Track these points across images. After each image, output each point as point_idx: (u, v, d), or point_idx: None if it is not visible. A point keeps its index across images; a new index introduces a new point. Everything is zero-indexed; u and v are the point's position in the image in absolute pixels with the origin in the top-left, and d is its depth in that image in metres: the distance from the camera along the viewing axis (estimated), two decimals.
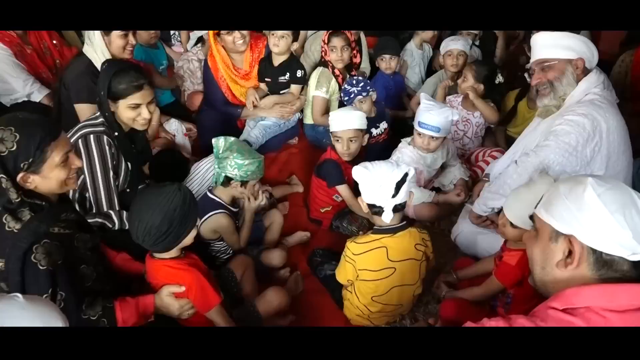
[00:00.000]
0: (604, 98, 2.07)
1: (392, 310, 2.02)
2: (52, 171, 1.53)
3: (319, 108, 3.13)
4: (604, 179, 1.12)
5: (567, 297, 1.06)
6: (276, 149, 3.17)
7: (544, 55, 2.14)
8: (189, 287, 1.71)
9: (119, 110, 2.05)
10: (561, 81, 2.10)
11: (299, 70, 3.08)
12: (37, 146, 1.48)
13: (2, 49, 2.94)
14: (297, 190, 2.92)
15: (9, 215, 1.47)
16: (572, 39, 2.09)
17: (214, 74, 3.02)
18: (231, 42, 2.90)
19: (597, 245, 1.06)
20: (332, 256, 2.24)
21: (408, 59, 3.75)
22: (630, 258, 1.04)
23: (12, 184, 1.47)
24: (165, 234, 1.62)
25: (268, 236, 2.47)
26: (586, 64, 2.09)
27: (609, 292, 1.03)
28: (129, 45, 2.60)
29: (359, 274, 1.91)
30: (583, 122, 2.00)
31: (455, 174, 2.78)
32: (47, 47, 3.12)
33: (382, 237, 1.89)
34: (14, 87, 3.03)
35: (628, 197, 1.07)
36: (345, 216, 2.61)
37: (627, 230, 1.03)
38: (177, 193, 1.64)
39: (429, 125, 2.46)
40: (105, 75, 2.02)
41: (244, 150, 2.20)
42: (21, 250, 1.44)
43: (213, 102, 3.10)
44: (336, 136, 2.51)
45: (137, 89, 2.03)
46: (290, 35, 2.95)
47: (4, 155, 1.45)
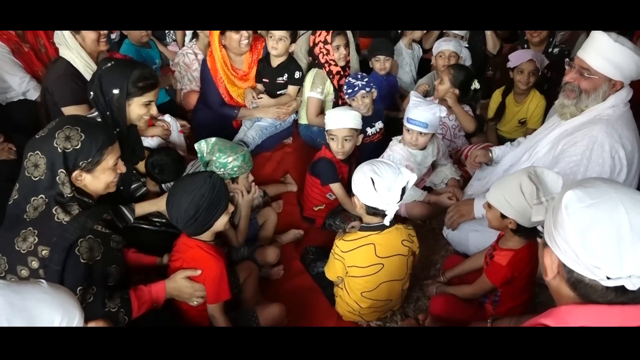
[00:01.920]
0: (623, 118, 2.04)
1: (382, 306, 2.06)
2: (103, 173, 1.68)
3: (314, 109, 3.17)
4: (592, 192, 1.01)
5: (560, 315, 1.02)
6: (271, 148, 3.20)
7: (591, 61, 1.99)
8: (209, 273, 1.79)
9: (130, 108, 2.09)
10: (590, 95, 2.04)
11: (297, 71, 3.11)
12: (98, 148, 1.63)
13: (1, 46, 2.97)
14: (291, 189, 2.95)
15: (59, 207, 1.57)
16: (628, 58, 1.94)
17: (212, 74, 3.04)
18: (237, 42, 2.92)
19: (567, 263, 1.02)
20: (324, 253, 2.28)
21: (398, 59, 3.80)
22: (603, 283, 0.97)
23: (68, 179, 1.60)
24: (194, 218, 1.75)
25: (262, 234, 2.51)
26: (627, 83, 2.02)
27: (604, 313, 0.98)
28: (102, 37, 2.61)
29: (348, 271, 1.96)
30: (603, 156, 1.97)
31: (446, 173, 2.83)
32: (43, 45, 3.15)
33: (370, 234, 1.94)
34: (10, 84, 3.05)
35: (605, 220, 0.96)
36: (338, 214, 2.66)
37: (587, 254, 0.96)
38: (207, 180, 1.79)
39: (416, 121, 2.52)
40: (120, 74, 2.04)
41: (225, 148, 2.23)
42: (68, 242, 1.54)
43: (210, 102, 3.12)
44: (331, 134, 2.55)
45: (153, 87, 2.12)
46: (288, 37, 2.98)
47: (68, 151, 1.59)
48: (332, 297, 2.18)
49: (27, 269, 1.56)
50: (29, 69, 3.11)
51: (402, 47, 3.90)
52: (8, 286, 1.23)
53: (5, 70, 3.01)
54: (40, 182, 1.60)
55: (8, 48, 3.01)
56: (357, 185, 1.91)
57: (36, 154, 1.59)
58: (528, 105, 3.22)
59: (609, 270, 0.95)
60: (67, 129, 1.60)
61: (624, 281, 0.94)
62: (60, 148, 1.58)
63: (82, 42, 2.56)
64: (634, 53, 1.93)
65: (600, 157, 1.99)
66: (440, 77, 3.11)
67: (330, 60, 3.13)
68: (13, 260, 1.57)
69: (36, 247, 1.54)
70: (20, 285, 1.26)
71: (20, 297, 1.20)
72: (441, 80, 3.07)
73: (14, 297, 1.18)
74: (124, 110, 2.09)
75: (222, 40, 2.96)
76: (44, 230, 1.55)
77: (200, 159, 2.28)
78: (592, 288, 0.99)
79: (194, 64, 3.41)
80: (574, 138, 2.07)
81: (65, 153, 1.58)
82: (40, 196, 1.60)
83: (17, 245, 1.56)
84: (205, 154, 2.24)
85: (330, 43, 3.08)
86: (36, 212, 1.58)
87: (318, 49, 3.14)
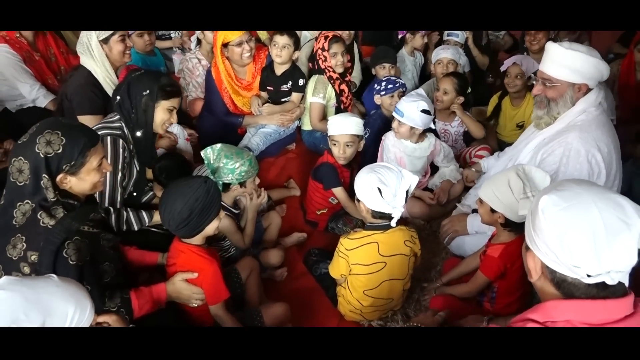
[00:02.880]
0: (597, 121, 2.07)
1: (383, 305, 2.12)
2: (88, 174, 1.67)
3: (317, 114, 3.24)
4: (566, 194, 1.07)
5: (547, 310, 1.08)
6: (275, 154, 3.26)
7: (550, 71, 2.08)
8: (205, 276, 1.82)
9: (157, 111, 2.19)
10: (557, 103, 2.11)
11: (301, 79, 3.17)
12: (80, 150, 1.63)
13: (12, 54, 3.06)
14: (294, 194, 3.02)
15: (43, 212, 1.59)
16: (583, 61, 2.00)
17: (217, 85, 3.11)
18: (238, 54, 2.98)
19: (549, 264, 1.08)
20: (327, 255, 2.34)
21: (400, 66, 3.87)
22: (584, 280, 1.03)
23: (52, 184, 1.60)
24: (187, 221, 1.77)
25: (266, 237, 2.58)
26: (592, 86, 2.07)
27: (587, 307, 1.04)
28: (127, 49, 2.70)
29: (352, 268, 2.02)
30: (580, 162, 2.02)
31: (445, 174, 2.91)
32: (54, 54, 3.23)
33: (374, 234, 2.00)
34: (21, 92, 3.13)
35: (581, 221, 1.02)
36: (341, 218, 2.73)
37: (566, 255, 1.03)
38: (203, 185, 1.81)
39: (398, 110, 2.68)
40: (150, 78, 2.16)
41: (232, 154, 2.29)
42: (54, 245, 1.55)
43: (215, 111, 3.18)
44: (334, 140, 2.62)
45: (178, 94, 2.23)
46: (292, 45, 3.05)
47: (50, 156, 1.58)
48: (334, 297, 2.24)
49: (21, 274, 1.59)
50: (39, 77, 3.19)
51: (404, 55, 3.97)
52: (21, 282, 1.29)
53: (17, 78, 3.10)
54: (25, 187, 1.60)
55: (20, 56, 3.09)
56: (363, 193, 1.97)
57: (19, 159, 1.60)
58: (524, 109, 3.30)
59: (588, 268, 1.01)
60: (47, 134, 1.59)
61: (603, 277, 1.01)
62: (42, 153, 1.57)
63: (109, 52, 2.65)
64: (588, 55, 1.99)
65: (577, 163, 2.03)
66: (441, 88, 3.17)
67: (328, 67, 3.20)
68: (6, 268, 1.59)
69: (25, 252, 1.57)
70: (33, 280, 1.32)
71: (34, 291, 1.25)
72: (445, 91, 3.13)
73: (28, 292, 1.24)
74: (152, 112, 2.18)
75: (224, 53, 3.03)
76: (31, 236, 1.58)
77: (207, 165, 2.35)
78: (575, 286, 1.06)
79: (197, 69, 3.48)
80: (551, 147, 2.12)
81: (47, 158, 1.58)
82: (26, 201, 1.61)
83: (9, 252, 1.58)
84: (212, 161, 2.31)
85: (327, 50, 3.15)
86: (24, 218, 1.60)
87: (318, 56, 3.21)
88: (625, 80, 3.78)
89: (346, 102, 3.32)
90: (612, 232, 1.00)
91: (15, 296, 1.23)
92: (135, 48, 3.41)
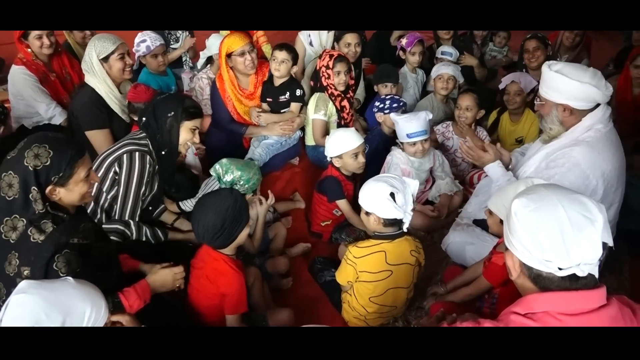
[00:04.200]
0: (605, 138, 2.14)
1: (387, 312, 2.19)
2: (76, 185, 1.70)
3: (319, 130, 3.34)
4: (534, 197, 1.18)
5: (527, 303, 1.18)
6: (279, 168, 3.36)
7: (541, 91, 2.24)
8: (232, 286, 1.93)
9: (181, 130, 2.32)
10: (546, 120, 2.24)
11: (298, 89, 3.30)
12: (67, 162, 1.65)
13: (29, 76, 3.20)
14: (299, 206, 3.12)
15: (33, 227, 1.62)
16: (564, 83, 2.09)
17: (221, 94, 3.25)
18: (242, 64, 3.12)
19: (525, 261, 1.18)
20: (331, 264, 2.43)
21: (402, 82, 3.97)
22: (557, 274, 1.12)
23: (41, 196, 1.63)
24: (221, 230, 1.89)
25: (273, 246, 2.68)
26: (577, 107, 2.12)
27: (563, 298, 1.14)
28: (127, 66, 2.83)
29: (359, 276, 2.09)
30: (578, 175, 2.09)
31: (441, 187, 3.02)
32: (68, 73, 3.36)
33: (382, 242, 2.08)
34: (37, 111, 3.26)
35: (548, 220, 1.12)
36: (344, 229, 2.82)
37: (539, 251, 1.12)
38: (230, 195, 1.94)
39: (416, 132, 2.78)
40: (174, 101, 2.32)
41: (242, 166, 2.43)
42: (44, 260, 1.59)
43: (220, 120, 3.30)
44: (354, 152, 2.69)
45: (200, 115, 2.38)
46: (290, 60, 3.19)
47: (39, 169, 1.61)
48: (338, 304, 2.31)
49: None
50: (54, 96, 3.33)
51: (406, 72, 4.07)
52: (40, 285, 1.37)
53: (33, 98, 3.24)
54: (14, 202, 1.63)
55: (36, 77, 3.24)
56: (374, 204, 2.03)
57: (9, 174, 1.62)
58: (523, 124, 3.41)
59: (559, 262, 1.12)
60: (35, 147, 1.62)
61: (574, 269, 1.11)
62: (30, 166, 1.60)
63: (109, 70, 2.78)
64: (569, 79, 2.07)
65: (574, 175, 2.09)
66: (462, 105, 3.22)
67: (331, 84, 3.31)
68: (6, 284, 1.64)
69: (19, 268, 1.61)
70: (51, 282, 1.39)
71: (53, 293, 1.33)
72: (467, 108, 3.20)
73: (47, 294, 1.32)
74: (176, 132, 2.32)
75: (229, 63, 3.17)
76: (23, 252, 1.61)
77: (219, 181, 2.46)
78: (549, 280, 1.16)
79: (207, 88, 3.63)
80: (554, 158, 2.20)
81: (36, 170, 1.61)
82: (14, 216, 1.63)
83: (6, 269, 1.63)
84: (223, 175, 2.42)
85: (332, 68, 3.26)
86: (17, 234, 1.63)
87: (322, 73, 3.33)
88: (623, 96, 3.87)
89: (347, 118, 3.43)
90: (577, 228, 1.11)
91: (36, 298, 1.31)
92: (149, 68, 3.55)
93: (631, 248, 2.75)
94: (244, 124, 3.31)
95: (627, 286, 2.53)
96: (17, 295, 1.32)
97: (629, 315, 1.18)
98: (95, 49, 2.76)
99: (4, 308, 1.33)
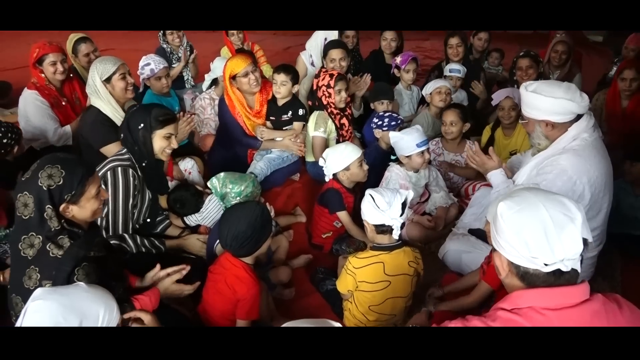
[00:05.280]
0: (592, 146, 2.24)
1: (386, 320, 2.26)
2: (88, 202, 1.80)
3: (319, 147, 3.43)
4: (518, 200, 1.27)
5: (513, 299, 1.26)
6: (281, 184, 3.46)
7: (523, 110, 2.39)
8: (247, 293, 2.05)
9: (154, 140, 2.38)
10: (532, 135, 2.38)
11: (300, 109, 3.43)
12: (79, 181, 1.76)
13: (42, 102, 3.33)
14: (300, 220, 3.22)
15: (51, 243, 1.72)
16: (541, 101, 2.23)
17: (231, 111, 3.37)
18: (246, 84, 3.25)
19: (513, 260, 1.26)
20: (332, 274, 2.52)
21: (398, 99, 4.11)
22: (543, 270, 1.21)
23: (56, 214, 1.74)
24: (250, 238, 2.04)
25: (275, 257, 2.78)
26: (557, 121, 2.24)
27: (547, 294, 1.21)
28: (129, 85, 2.95)
29: (359, 285, 2.18)
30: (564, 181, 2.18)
31: (436, 200, 3.14)
32: (78, 97, 3.47)
33: (380, 254, 2.17)
34: (46, 135, 3.37)
35: (532, 220, 1.22)
36: (344, 240, 2.92)
37: (525, 249, 1.21)
38: (257, 206, 2.11)
39: (423, 141, 2.94)
40: (143, 112, 2.37)
41: (236, 179, 2.53)
42: (65, 273, 1.68)
43: (232, 135, 3.41)
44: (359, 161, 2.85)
45: (172, 120, 2.42)
46: (289, 81, 3.32)
47: (52, 188, 1.71)
48: (340, 313, 2.39)
49: None
50: (64, 120, 3.43)
51: (401, 89, 4.21)
52: (55, 291, 1.47)
53: (42, 123, 3.34)
54: (30, 220, 1.72)
55: (48, 103, 3.35)
56: (364, 209, 2.19)
57: (25, 194, 1.72)
58: (516, 138, 3.51)
59: (544, 258, 1.21)
60: (48, 168, 1.71)
61: (558, 265, 1.21)
62: (44, 186, 1.69)
63: (112, 90, 2.91)
64: (544, 96, 2.21)
65: (561, 181, 2.18)
66: (447, 121, 3.38)
67: (331, 103, 3.43)
68: (25, 297, 1.68)
69: (40, 282, 1.71)
70: (64, 288, 1.49)
71: (68, 297, 1.43)
72: (452, 123, 3.35)
73: (63, 299, 1.42)
74: (149, 142, 2.37)
75: (233, 84, 3.31)
76: (44, 267, 1.71)
77: (215, 193, 2.56)
78: (536, 276, 1.24)
79: (208, 108, 3.74)
80: (544, 166, 2.30)
81: (50, 190, 1.70)
82: (30, 234, 1.73)
83: (26, 283, 1.73)
84: (219, 188, 2.52)
85: (333, 87, 3.39)
86: (34, 250, 1.72)
87: (321, 92, 3.44)
88: (612, 108, 4.01)
89: (346, 135, 3.55)
90: (559, 226, 1.20)
91: (53, 304, 1.40)
92: (153, 90, 3.66)
93: (623, 251, 2.87)
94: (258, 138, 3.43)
95: (619, 291, 2.61)
96: (35, 302, 1.41)
97: (613, 310, 1.24)
98: (98, 71, 2.89)
99: (22, 315, 1.42)
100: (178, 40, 4.58)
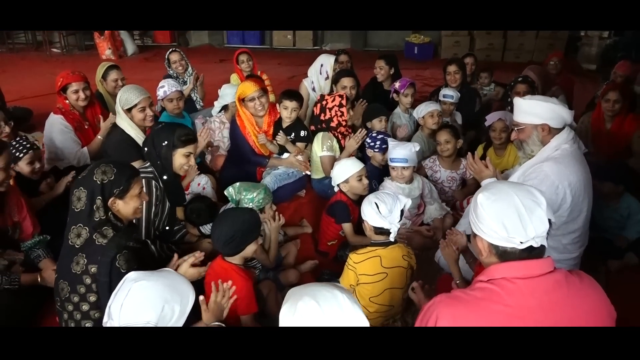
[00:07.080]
0: (571, 155, 2.45)
1: (386, 311, 2.47)
2: (132, 199, 2.09)
3: (328, 165, 3.66)
4: (494, 191, 1.51)
5: (489, 272, 1.48)
6: (288, 199, 3.73)
7: (518, 119, 2.57)
8: (240, 290, 2.19)
9: (175, 157, 2.63)
10: (528, 142, 2.56)
11: (302, 130, 3.77)
12: (127, 179, 2.06)
13: (66, 126, 3.60)
14: (307, 231, 3.46)
15: (97, 233, 2.00)
16: (538, 106, 2.46)
17: (242, 130, 3.70)
18: (252, 108, 3.61)
19: (493, 241, 1.48)
20: (337, 275, 2.71)
21: (397, 121, 4.38)
22: (519, 247, 1.43)
23: (104, 205, 2.02)
24: (231, 239, 2.23)
25: (285, 262, 3.02)
26: (553, 125, 2.47)
27: (516, 266, 1.44)
28: (148, 117, 3.25)
29: (359, 279, 2.40)
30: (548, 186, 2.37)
31: (431, 213, 3.43)
32: (99, 121, 3.75)
33: (377, 249, 2.41)
34: (67, 157, 3.62)
35: (507, 206, 1.44)
36: (348, 246, 3.13)
37: (504, 231, 1.44)
38: (248, 213, 2.35)
39: (398, 158, 3.21)
40: (167, 131, 2.63)
41: (249, 187, 2.82)
42: (109, 258, 1.95)
43: (243, 153, 3.73)
44: (359, 176, 3.10)
45: (193, 141, 2.68)
46: (298, 107, 3.68)
47: (105, 182, 2.02)
48: None
49: (84, 285, 1.98)
50: (85, 142, 3.69)
51: (400, 113, 4.45)
52: (152, 274, 1.68)
53: (65, 146, 3.60)
54: (81, 213, 1.98)
55: (72, 127, 3.63)
56: (365, 212, 2.42)
57: (79, 189, 2.00)
58: (507, 158, 3.76)
59: (520, 237, 1.44)
60: (102, 166, 2.02)
61: (531, 242, 1.45)
62: (98, 181, 1.99)
63: (132, 118, 3.22)
64: (542, 102, 2.48)
65: (545, 186, 2.38)
66: (441, 140, 3.65)
67: (342, 121, 3.76)
68: (72, 281, 1.98)
69: (87, 266, 1.95)
70: (159, 272, 1.72)
71: (168, 279, 1.66)
72: (446, 141, 3.62)
73: (164, 280, 1.65)
74: (170, 159, 2.64)
75: (243, 106, 3.65)
76: (90, 253, 1.95)
77: (231, 200, 2.82)
78: (512, 254, 1.47)
79: (217, 130, 4.04)
80: (529, 173, 2.54)
81: (102, 184, 1.99)
82: (79, 225, 1.98)
83: (73, 269, 1.96)
84: (234, 195, 2.79)
85: (345, 106, 3.72)
86: (81, 239, 1.97)
87: (333, 112, 3.76)
88: (597, 129, 4.23)
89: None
90: (529, 210, 1.45)
91: (157, 283, 1.62)
92: (166, 110, 3.96)
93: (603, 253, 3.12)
94: (267, 156, 3.74)
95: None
96: (138, 283, 1.62)
97: (573, 281, 1.47)
98: (120, 101, 3.21)
99: (119, 295, 1.61)
100: (181, 68, 4.94)
